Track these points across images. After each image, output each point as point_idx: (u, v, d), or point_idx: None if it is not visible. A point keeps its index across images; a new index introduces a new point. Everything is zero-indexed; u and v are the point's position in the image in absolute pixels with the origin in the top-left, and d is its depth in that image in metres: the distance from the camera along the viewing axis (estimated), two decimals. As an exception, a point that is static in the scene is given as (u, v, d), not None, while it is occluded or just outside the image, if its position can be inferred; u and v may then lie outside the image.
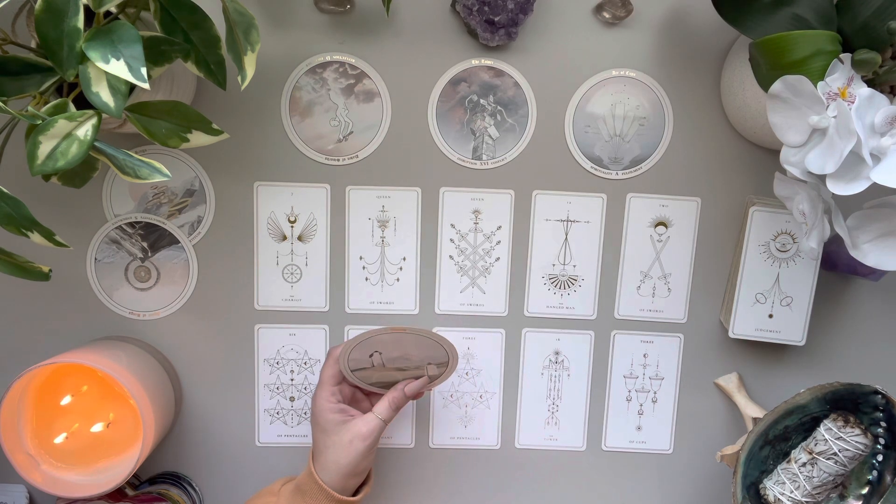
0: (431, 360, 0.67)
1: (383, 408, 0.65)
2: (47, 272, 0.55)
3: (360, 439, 0.63)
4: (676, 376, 0.75)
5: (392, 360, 0.67)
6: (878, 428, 0.66)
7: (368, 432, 0.63)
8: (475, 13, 0.65)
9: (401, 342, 0.66)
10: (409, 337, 0.66)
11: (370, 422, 0.64)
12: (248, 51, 0.56)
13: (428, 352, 0.67)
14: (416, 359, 0.67)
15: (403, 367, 0.67)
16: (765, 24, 0.56)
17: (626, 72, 0.70)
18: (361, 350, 0.66)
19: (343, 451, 0.63)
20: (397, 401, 0.66)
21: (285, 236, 0.72)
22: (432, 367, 0.67)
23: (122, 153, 0.52)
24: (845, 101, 0.52)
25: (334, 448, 0.63)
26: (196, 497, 0.75)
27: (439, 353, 0.67)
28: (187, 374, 0.74)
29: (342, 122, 0.70)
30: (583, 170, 0.71)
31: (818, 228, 0.59)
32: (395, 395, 0.66)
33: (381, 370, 0.67)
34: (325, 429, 0.64)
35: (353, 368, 0.67)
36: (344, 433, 0.63)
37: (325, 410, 0.64)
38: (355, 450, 0.63)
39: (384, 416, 0.64)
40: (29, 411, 0.65)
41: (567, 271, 0.73)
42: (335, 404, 0.65)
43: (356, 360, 0.66)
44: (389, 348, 0.66)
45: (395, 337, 0.66)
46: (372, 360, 0.67)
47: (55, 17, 0.48)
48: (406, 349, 0.67)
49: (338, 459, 0.63)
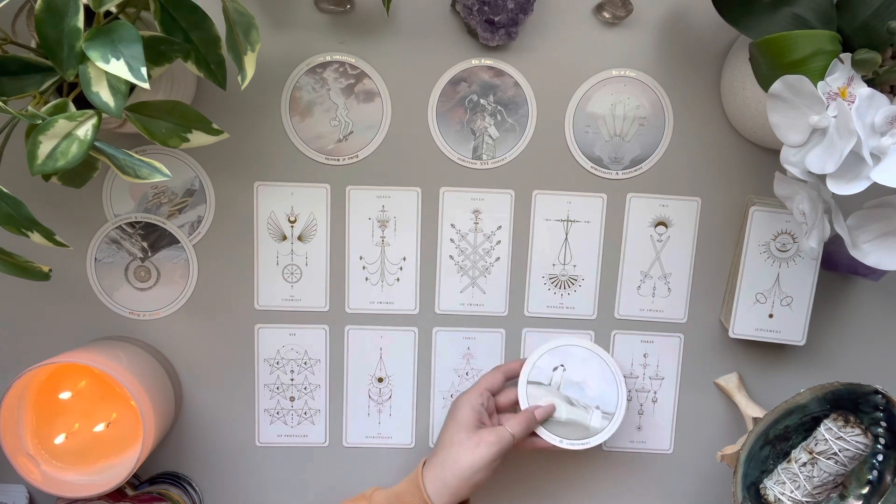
0: (601, 405, 0.69)
1: (515, 424, 0.66)
2: (47, 272, 0.55)
3: (486, 445, 0.64)
4: (676, 376, 0.75)
5: (569, 384, 0.69)
6: (878, 428, 0.66)
7: (496, 440, 0.64)
8: (475, 13, 0.65)
9: (588, 364, 0.70)
10: (598, 360, 0.69)
11: (499, 432, 0.65)
12: (248, 51, 0.56)
13: (604, 391, 0.69)
14: (590, 394, 0.69)
15: (574, 398, 0.69)
16: (765, 24, 0.56)
17: (626, 72, 0.70)
18: (552, 357, 0.69)
19: (466, 452, 0.64)
20: (529, 421, 0.67)
21: (285, 236, 0.72)
22: (596, 416, 0.69)
23: (122, 153, 0.52)
24: (845, 100, 0.52)
25: (460, 445, 0.64)
26: (196, 497, 0.75)
27: (611, 398, 0.69)
28: (187, 374, 0.74)
29: (342, 122, 0.70)
30: (583, 170, 0.71)
31: (818, 228, 0.59)
32: (528, 415, 0.68)
33: (554, 393, 0.69)
34: (458, 422, 0.66)
35: (532, 380, 0.69)
36: (474, 434, 0.65)
37: (466, 405, 0.66)
38: (479, 454, 0.64)
39: (514, 431, 0.66)
40: (29, 411, 0.65)
41: (567, 271, 0.73)
42: (478, 405, 0.67)
43: (540, 368, 0.70)
44: (576, 367, 0.70)
45: (587, 356, 0.70)
46: (552, 376, 0.69)
47: (55, 17, 0.48)
48: (590, 376, 0.69)
49: (458, 458, 0.64)
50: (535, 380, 0.70)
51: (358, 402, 0.75)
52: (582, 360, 0.70)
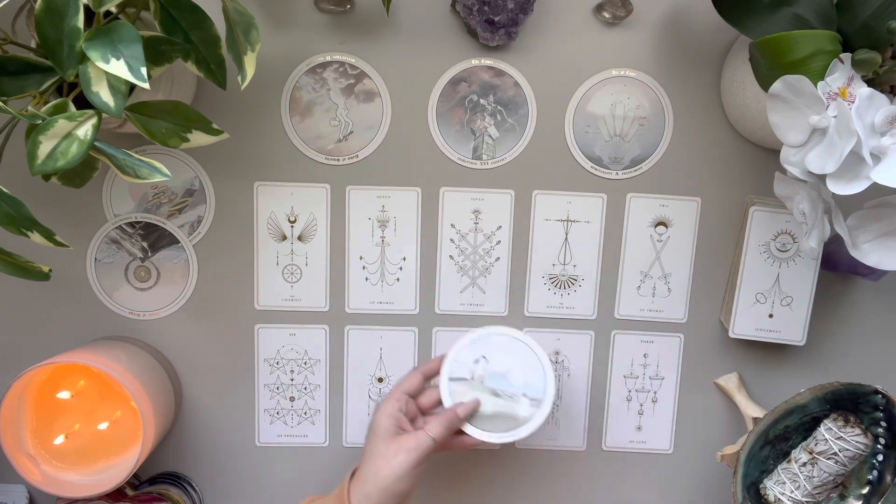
0: (528, 392, 0.66)
1: (435, 426, 0.63)
2: (47, 272, 0.55)
3: (405, 452, 0.61)
4: (676, 376, 0.75)
5: (492, 376, 0.66)
6: (878, 428, 0.66)
7: (414, 446, 0.61)
8: (475, 13, 0.65)
9: (511, 352, 0.66)
10: (520, 347, 0.66)
11: (418, 437, 0.62)
12: (248, 51, 0.56)
13: (530, 377, 0.66)
14: (515, 382, 0.66)
15: (499, 389, 0.66)
16: (765, 24, 0.56)
17: (626, 72, 0.70)
18: (471, 351, 0.66)
19: (385, 462, 0.61)
20: (450, 421, 0.64)
21: (285, 236, 0.72)
22: (524, 404, 0.65)
23: (122, 153, 0.52)
24: (845, 100, 0.52)
25: (378, 457, 0.62)
26: (196, 497, 0.75)
27: (538, 384, 0.66)
28: (187, 374, 0.74)
29: (342, 122, 0.70)
30: (583, 170, 0.71)
31: (818, 228, 0.59)
32: (449, 415, 0.64)
33: (477, 387, 0.66)
34: (376, 432, 0.63)
35: (454, 376, 0.66)
36: (391, 443, 0.62)
37: (382, 414, 0.63)
38: (398, 463, 0.61)
39: (434, 434, 0.62)
40: (29, 411, 0.65)
41: (567, 271, 0.73)
42: (395, 410, 0.64)
43: (461, 363, 0.66)
44: (497, 357, 0.66)
45: (507, 343, 0.66)
46: (474, 370, 0.66)
47: (55, 17, 0.48)
48: (512, 364, 0.66)
49: (378, 470, 0.61)
50: (456, 376, 0.66)
51: (358, 402, 0.75)
52: (503, 348, 0.66)
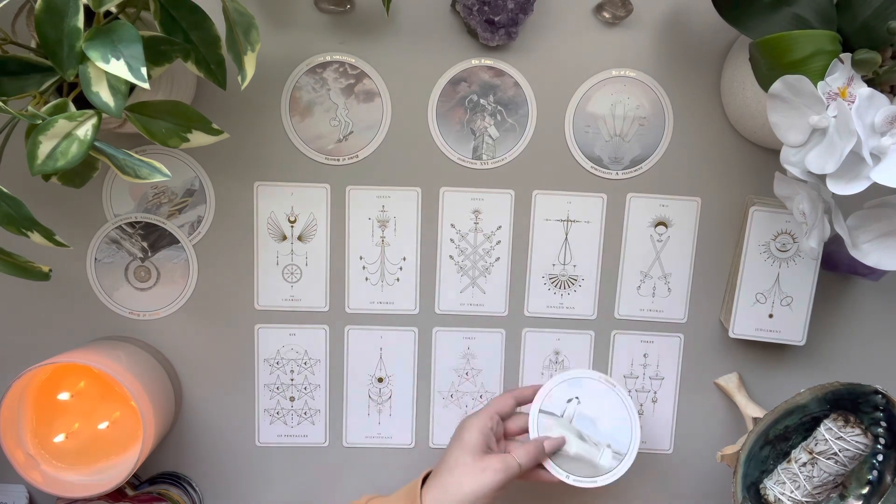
0: (612, 444, 0.67)
1: (523, 453, 0.64)
2: (47, 272, 0.55)
3: (493, 472, 0.61)
4: (676, 376, 0.75)
5: (582, 418, 0.67)
6: (878, 428, 0.66)
7: (503, 468, 0.62)
8: (475, 13, 0.65)
9: (604, 400, 0.68)
10: (614, 397, 0.68)
11: (506, 460, 0.63)
12: (248, 51, 0.56)
13: (617, 429, 0.67)
14: (602, 430, 0.67)
15: (586, 434, 0.67)
16: (765, 24, 0.56)
17: (626, 72, 0.70)
18: (567, 388, 0.68)
19: (472, 477, 0.61)
20: (538, 452, 0.65)
21: (285, 236, 0.72)
22: (607, 455, 0.67)
23: (122, 153, 0.52)
24: (845, 100, 0.52)
25: (464, 468, 0.62)
26: (196, 497, 0.75)
27: (623, 439, 0.67)
28: (187, 374, 0.74)
29: (342, 122, 0.70)
30: (583, 170, 0.71)
31: (818, 228, 0.59)
32: (536, 445, 0.65)
33: (565, 425, 0.67)
34: (465, 444, 0.63)
35: (544, 409, 0.67)
36: (480, 459, 0.62)
37: (474, 428, 0.64)
38: (484, 480, 0.61)
39: (522, 462, 0.63)
40: (29, 411, 0.65)
41: (567, 271, 0.73)
42: (487, 430, 0.65)
43: (554, 398, 0.68)
44: (591, 402, 0.67)
45: (603, 390, 0.68)
46: (566, 408, 0.67)
47: (55, 17, 0.48)
48: (604, 412, 0.67)
49: (461, 483, 0.61)
50: (547, 409, 0.68)
51: (358, 402, 0.75)
52: (598, 394, 0.68)
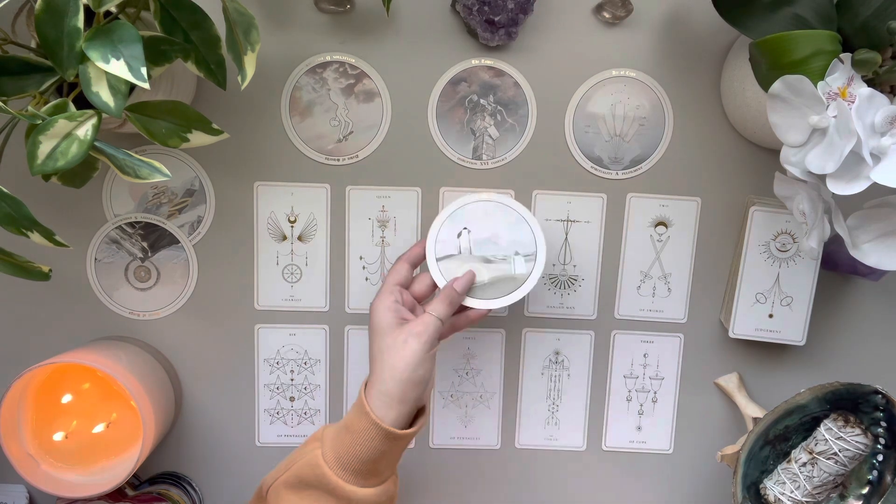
0: (520, 249, 0.64)
1: (436, 305, 0.61)
2: (47, 272, 0.55)
3: (415, 336, 0.59)
4: (676, 376, 0.75)
5: (479, 244, 0.64)
6: (878, 428, 0.66)
7: (422, 329, 0.59)
8: (475, 13, 0.65)
9: (492, 216, 0.64)
10: (500, 211, 0.64)
11: (424, 319, 0.60)
12: (248, 51, 0.56)
13: (518, 234, 0.64)
14: (504, 244, 0.64)
15: (490, 256, 0.64)
16: (765, 24, 0.56)
17: (626, 72, 0.70)
18: (451, 226, 0.64)
19: (398, 354, 0.59)
20: (450, 297, 0.62)
21: (285, 236, 0.72)
22: (519, 262, 0.63)
23: (122, 153, 0.52)
24: (845, 100, 0.52)
25: (388, 351, 0.60)
26: (196, 497, 0.75)
27: (527, 239, 0.64)
28: (187, 374, 0.74)
29: (342, 122, 0.70)
30: (583, 170, 0.71)
31: (818, 228, 0.59)
32: (447, 291, 0.62)
33: (467, 259, 0.64)
34: (378, 330, 0.61)
35: (440, 256, 0.64)
36: (398, 333, 0.60)
37: (379, 310, 0.61)
38: (410, 350, 0.59)
39: (438, 313, 0.61)
40: (29, 411, 0.65)
41: (567, 271, 0.73)
42: (392, 303, 0.62)
43: (444, 241, 0.64)
44: (479, 225, 0.64)
45: (485, 208, 0.64)
46: (459, 244, 0.64)
47: (55, 17, 0.48)
48: (496, 227, 0.64)
49: (394, 364, 0.59)
50: (443, 254, 0.64)
51: (358, 402, 0.75)
52: (484, 213, 0.64)
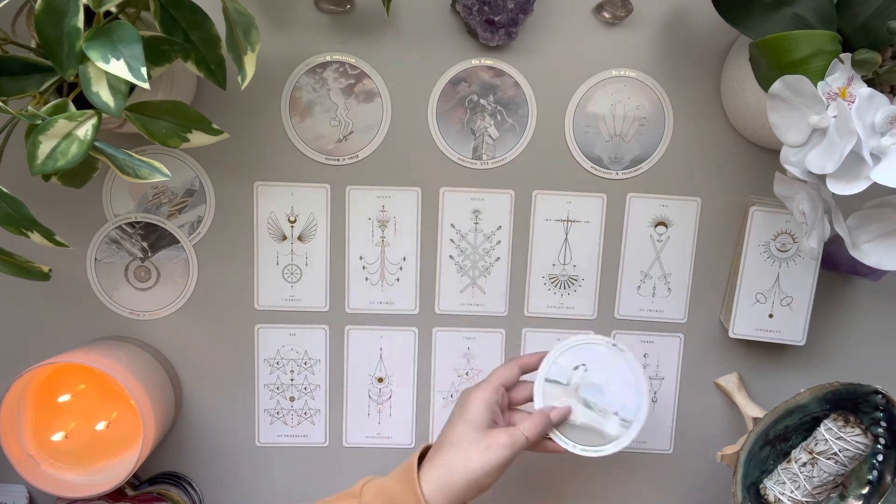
0: (620, 411, 0.64)
1: (530, 426, 0.61)
2: (47, 272, 0.55)
3: (499, 447, 0.59)
4: (676, 376, 0.75)
5: (589, 386, 0.64)
6: (878, 428, 0.66)
7: (511, 443, 0.59)
8: (475, 13, 0.65)
9: (611, 366, 0.65)
10: (622, 363, 0.65)
11: (514, 434, 0.60)
12: (248, 51, 0.56)
13: (625, 396, 0.64)
14: (609, 398, 0.64)
15: (591, 402, 0.64)
16: (765, 24, 0.56)
17: (626, 72, 0.70)
18: (573, 356, 0.65)
19: (478, 454, 0.58)
20: (544, 423, 0.62)
21: (285, 236, 0.72)
22: (614, 422, 0.64)
23: (122, 153, 0.52)
24: (845, 100, 0.52)
25: (469, 445, 0.59)
26: (196, 497, 0.75)
27: (631, 405, 0.64)
28: (187, 374, 0.74)
29: (342, 122, 0.70)
30: (583, 170, 0.71)
31: (818, 228, 0.59)
32: (542, 416, 0.63)
33: (572, 394, 0.64)
34: (470, 420, 0.60)
35: (550, 378, 0.65)
36: (487, 435, 0.59)
37: (480, 401, 0.61)
38: (491, 457, 0.58)
39: (529, 434, 0.61)
40: (29, 411, 0.65)
41: (567, 271, 0.73)
42: (493, 403, 0.61)
43: (560, 366, 0.65)
44: (598, 367, 0.65)
45: (610, 355, 0.65)
46: (572, 376, 0.65)
47: (55, 17, 0.48)
48: (610, 378, 0.64)
49: (468, 459, 0.58)
50: (553, 378, 0.64)
51: (358, 402, 0.75)
52: (605, 360, 0.65)
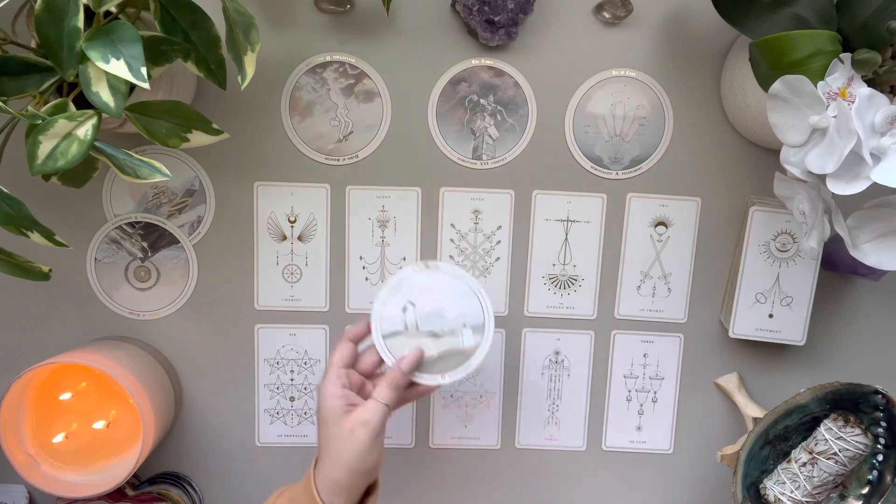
0: (467, 321, 0.61)
1: (382, 390, 0.59)
2: (47, 272, 0.55)
3: (361, 426, 0.57)
4: (676, 376, 0.75)
5: (426, 318, 0.61)
6: (878, 428, 0.66)
7: (370, 418, 0.57)
8: (475, 13, 0.65)
9: (437, 288, 0.62)
10: (442, 279, 0.62)
11: (370, 407, 0.58)
12: (248, 51, 0.56)
13: (465, 306, 0.61)
14: (451, 316, 0.61)
15: (436, 330, 0.61)
16: (765, 24, 0.56)
17: (626, 72, 0.70)
18: (395, 301, 0.61)
19: (345, 443, 0.57)
20: (396, 380, 0.59)
21: (285, 236, 0.72)
22: (467, 334, 0.61)
23: (122, 153, 0.52)
24: (845, 100, 0.52)
25: (336, 440, 0.57)
26: (196, 497, 0.75)
27: (474, 311, 0.61)
28: (187, 374, 0.74)
29: (342, 122, 0.70)
30: (583, 170, 0.71)
31: (818, 228, 0.59)
32: (393, 374, 0.60)
33: (414, 335, 0.61)
34: (326, 418, 0.58)
35: (386, 333, 0.61)
36: (345, 422, 0.57)
37: (327, 396, 0.58)
38: (357, 440, 0.56)
39: (385, 399, 0.58)
40: (29, 411, 0.65)
41: (567, 271, 0.73)
42: (339, 389, 0.58)
43: (389, 318, 0.61)
44: (424, 298, 0.61)
45: (428, 279, 0.62)
46: (405, 319, 0.61)
47: (55, 17, 0.48)
48: (442, 299, 0.61)
49: (340, 453, 0.57)
50: (389, 331, 0.61)
51: (358, 402, 0.75)
52: (427, 286, 0.62)
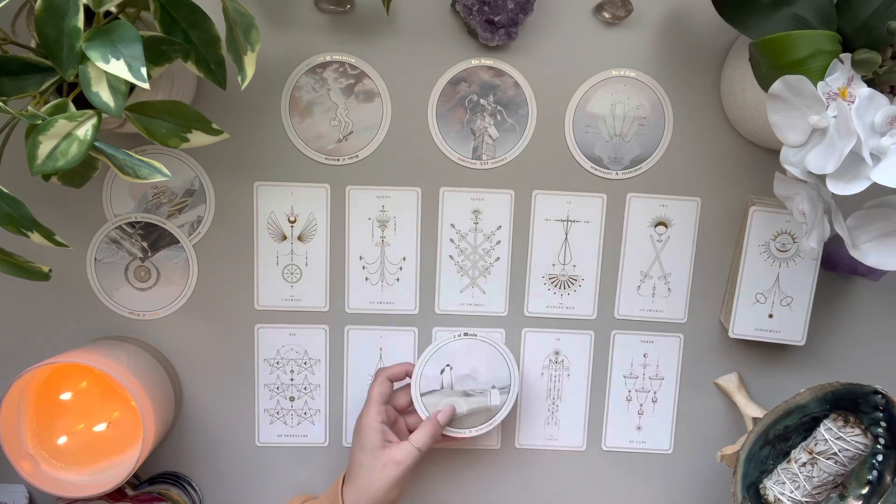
0: (496, 383, 0.69)
1: (420, 436, 0.66)
2: (47, 272, 0.55)
3: (394, 465, 0.64)
4: (676, 376, 0.75)
5: (460, 381, 0.69)
6: (878, 428, 0.66)
7: (402, 458, 0.64)
8: (475, 13, 0.65)
9: (472, 354, 0.69)
10: (480, 348, 0.69)
11: (405, 449, 0.65)
12: (248, 51, 0.56)
13: (495, 370, 0.69)
14: (482, 379, 0.69)
15: (469, 390, 0.69)
16: (765, 24, 0.56)
17: (626, 72, 0.70)
18: (435, 363, 0.69)
19: (375, 475, 0.64)
20: (434, 430, 0.67)
21: (285, 236, 0.72)
22: (494, 395, 0.69)
23: (122, 153, 0.52)
24: (845, 100, 0.52)
25: (368, 469, 0.64)
26: (196, 497, 0.75)
27: (502, 374, 0.69)
28: (187, 374, 0.74)
29: (342, 122, 0.70)
30: (583, 170, 0.71)
31: (818, 228, 0.59)
32: (431, 423, 0.67)
33: (448, 393, 0.69)
34: (363, 446, 0.65)
35: (424, 391, 0.69)
36: (379, 456, 0.64)
37: (368, 428, 0.65)
38: (387, 476, 0.63)
39: (420, 445, 0.65)
40: (29, 411, 0.65)
41: (567, 271, 0.73)
42: (379, 424, 0.66)
43: (428, 377, 0.69)
44: (460, 361, 0.69)
45: (466, 345, 0.69)
46: (442, 380, 0.69)
47: (55, 16, 0.48)
48: (475, 363, 0.69)
49: (369, 483, 0.64)
50: (427, 390, 0.69)
51: (358, 402, 0.75)
52: (464, 352, 0.69)
